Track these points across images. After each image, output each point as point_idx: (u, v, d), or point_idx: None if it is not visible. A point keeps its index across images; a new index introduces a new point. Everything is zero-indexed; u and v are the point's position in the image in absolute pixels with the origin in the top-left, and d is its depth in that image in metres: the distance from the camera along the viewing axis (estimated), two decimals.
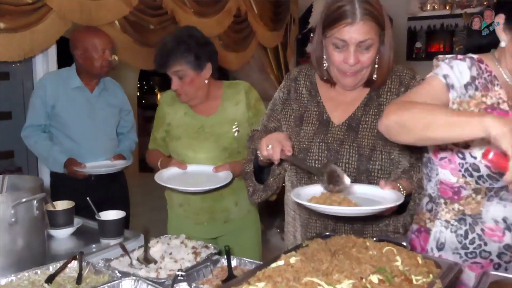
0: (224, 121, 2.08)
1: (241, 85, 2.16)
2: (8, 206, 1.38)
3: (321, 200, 1.23)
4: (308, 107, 1.55)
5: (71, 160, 2.52)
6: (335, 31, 1.34)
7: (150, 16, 3.37)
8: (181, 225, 2.14)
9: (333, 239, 1.18)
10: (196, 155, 2.07)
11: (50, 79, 2.58)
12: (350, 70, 1.39)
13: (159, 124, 2.20)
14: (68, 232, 1.85)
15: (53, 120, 2.59)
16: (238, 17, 4.16)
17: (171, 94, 2.15)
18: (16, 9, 2.58)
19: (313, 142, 1.48)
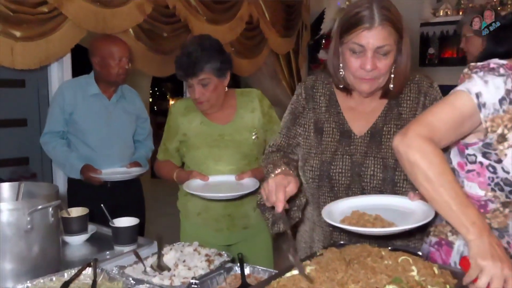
0: (243, 128, 2.09)
1: (253, 93, 2.18)
2: (24, 213, 1.39)
3: (354, 221, 1.20)
4: (327, 117, 1.52)
5: (88, 167, 2.54)
6: (353, 36, 1.33)
7: (163, 24, 3.40)
8: (198, 233, 2.13)
9: (347, 248, 1.17)
10: (216, 163, 2.07)
11: (69, 87, 2.62)
12: (367, 76, 1.37)
13: (172, 134, 2.17)
14: (83, 239, 1.86)
15: (71, 127, 2.62)
16: (250, 24, 4.18)
17: (184, 103, 2.16)
18: (33, 18, 2.63)
19: (336, 154, 1.46)
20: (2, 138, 3.33)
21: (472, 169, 1.25)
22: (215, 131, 2.09)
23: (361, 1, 1.35)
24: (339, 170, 1.44)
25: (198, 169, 2.08)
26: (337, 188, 1.44)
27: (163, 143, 2.23)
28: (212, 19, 3.73)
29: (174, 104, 2.23)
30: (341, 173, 1.43)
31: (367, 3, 1.33)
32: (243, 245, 2.17)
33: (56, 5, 2.69)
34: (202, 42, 2.01)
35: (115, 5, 3.00)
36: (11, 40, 2.55)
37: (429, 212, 1.20)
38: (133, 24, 3.16)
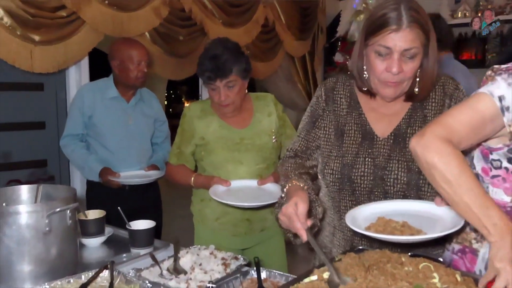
0: (262, 132, 2.09)
1: (268, 97, 2.19)
2: (43, 216, 1.41)
3: (380, 228, 1.17)
4: (348, 119, 1.49)
5: (106, 170, 2.56)
6: (379, 38, 1.30)
7: (179, 27, 3.41)
8: (214, 238, 2.09)
9: (366, 254, 1.15)
10: (236, 167, 2.05)
11: (88, 90, 2.63)
12: (393, 80, 1.33)
13: (187, 138, 2.13)
14: (99, 241, 1.87)
15: (90, 130, 2.64)
16: (266, 26, 4.18)
17: (200, 106, 2.13)
18: (51, 22, 2.66)
19: (358, 157, 1.42)
20: (21, 141, 3.38)
21: (497, 175, 1.22)
22: (236, 135, 2.07)
23: (387, 2, 1.31)
24: (361, 173, 1.40)
25: (217, 173, 2.06)
26: (359, 192, 1.41)
27: (176, 147, 2.18)
28: (228, 22, 3.74)
29: (189, 106, 2.19)
30: (363, 176, 1.40)
31: (395, 4, 1.29)
32: (259, 247, 2.16)
33: (74, 9, 2.72)
34: (225, 44, 2.00)
35: (132, 9, 3.03)
36: (30, 44, 2.58)
37: (457, 218, 1.15)
38: (149, 28, 3.18)
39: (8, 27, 2.48)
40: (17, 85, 3.30)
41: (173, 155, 2.19)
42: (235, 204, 1.86)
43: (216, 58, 1.95)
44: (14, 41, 2.52)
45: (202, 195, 2.14)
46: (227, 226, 2.11)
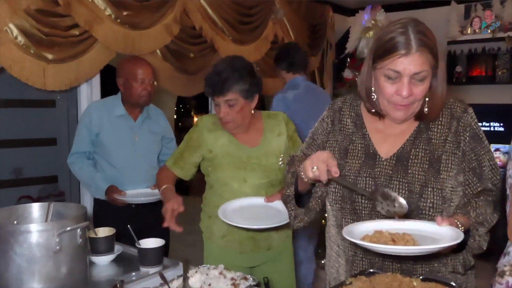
0: (270, 153, 2.07)
1: (280, 116, 2.16)
2: (54, 235, 1.41)
3: (374, 239, 1.16)
4: (353, 139, 1.49)
5: (112, 188, 2.55)
6: (388, 62, 1.29)
7: (190, 45, 3.45)
8: (222, 255, 2.10)
9: (377, 277, 1.14)
10: (240, 185, 2.05)
11: (96, 107, 2.65)
12: (402, 103, 1.33)
13: (195, 147, 2.10)
14: (109, 259, 1.87)
15: (97, 147, 2.64)
16: (275, 43, 4.21)
17: (212, 119, 2.12)
18: (64, 41, 2.71)
19: (360, 176, 1.42)
20: (32, 157, 3.42)
21: None
22: (244, 153, 2.06)
23: (394, 25, 1.31)
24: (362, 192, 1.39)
25: (223, 190, 2.07)
26: (360, 211, 1.41)
27: (178, 152, 2.15)
28: (238, 39, 3.78)
29: (202, 117, 2.17)
30: (364, 196, 1.39)
31: (402, 28, 1.28)
32: (267, 266, 2.15)
33: (86, 28, 2.77)
34: (233, 62, 2.01)
35: (143, 27, 3.07)
36: (43, 62, 2.63)
37: (456, 237, 1.14)
38: (161, 45, 3.23)
39: (22, 46, 2.53)
40: (29, 102, 3.35)
41: (171, 158, 2.16)
42: (244, 226, 1.86)
43: (218, 74, 1.96)
44: (28, 59, 2.57)
45: (210, 212, 2.13)
46: (234, 244, 2.10)
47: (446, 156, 1.36)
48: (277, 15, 4.14)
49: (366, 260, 1.44)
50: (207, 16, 3.52)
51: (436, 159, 1.36)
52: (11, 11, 2.46)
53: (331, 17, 4.90)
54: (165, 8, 3.19)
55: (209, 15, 3.53)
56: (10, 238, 1.39)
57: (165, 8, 3.19)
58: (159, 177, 2.18)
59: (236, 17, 3.75)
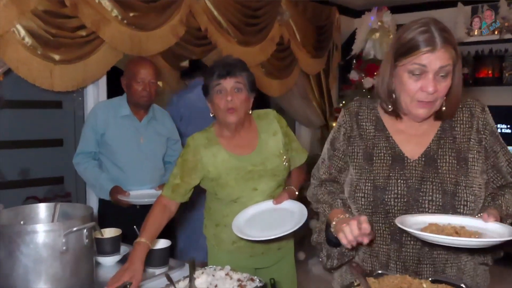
0: (271, 155, 2.01)
1: (270, 114, 2.10)
2: (60, 235, 1.41)
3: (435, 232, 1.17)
4: (376, 142, 1.47)
5: (116, 188, 2.56)
6: (413, 58, 1.30)
7: (195, 46, 3.45)
8: (230, 259, 2.00)
9: (386, 279, 1.13)
10: (251, 195, 1.98)
11: (102, 108, 2.65)
12: (427, 99, 1.32)
13: (191, 168, 1.95)
14: (115, 260, 1.87)
15: (102, 148, 2.65)
16: (281, 45, 4.20)
17: (205, 135, 2.01)
18: (71, 42, 2.72)
19: (390, 179, 1.40)
20: (39, 158, 3.43)
21: None
22: (246, 162, 1.98)
23: (414, 25, 1.31)
24: (394, 195, 1.38)
25: (232, 205, 1.98)
26: (392, 214, 1.38)
27: (176, 178, 1.95)
28: (243, 41, 3.77)
29: (193, 136, 2.01)
30: (397, 198, 1.37)
31: (423, 26, 1.29)
32: (277, 266, 2.12)
33: (93, 29, 2.78)
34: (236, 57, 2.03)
35: (150, 28, 3.08)
36: (50, 63, 2.64)
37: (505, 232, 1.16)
38: (167, 46, 3.23)
39: (29, 47, 2.54)
40: (36, 103, 3.36)
41: (167, 188, 1.95)
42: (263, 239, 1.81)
43: (225, 59, 1.98)
44: (35, 60, 2.58)
45: (217, 220, 2.06)
46: (244, 249, 2.04)
47: (472, 154, 1.38)
48: (283, 17, 4.14)
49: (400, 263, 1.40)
50: (213, 18, 3.52)
51: (463, 157, 1.38)
52: (18, 12, 2.47)
53: (337, 18, 4.89)
54: (171, 9, 3.19)
55: (214, 16, 3.53)
56: (17, 238, 1.39)
57: (171, 9, 3.20)
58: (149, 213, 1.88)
59: (242, 19, 3.75)
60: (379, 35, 4.22)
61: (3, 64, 2.52)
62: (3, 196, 3.20)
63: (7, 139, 3.24)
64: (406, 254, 1.37)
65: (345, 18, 5.17)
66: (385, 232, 1.40)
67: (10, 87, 3.13)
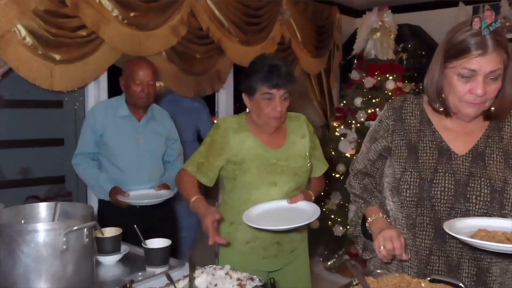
0: (297, 155, 2.03)
1: (301, 118, 2.15)
2: (60, 234, 1.42)
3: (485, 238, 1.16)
4: (421, 136, 1.48)
5: (116, 189, 2.55)
6: (463, 61, 1.30)
7: (197, 45, 3.45)
8: (243, 261, 2.01)
9: (385, 278, 1.13)
10: (269, 189, 1.98)
11: (100, 108, 2.64)
12: (475, 101, 1.33)
13: (217, 149, 1.99)
14: (115, 259, 1.87)
15: (101, 148, 2.64)
16: (282, 44, 4.20)
17: (236, 119, 2.05)
18: (71, 42, 2.72)
19: (437, 172, 1.40)
20: (39, 157, 3.43)
21: None
22: (271, 155, 2.00)
23: (465, 26, 1.31)
24: (441, 188, 1.38)
25: (249, 193, 1.98)
26: (438, 208, 1.38)
27: (202, 156, 2.01)
28: (245, 40, 3.77)
29: (225, 119, 2.08)
30: (444, 192, 1.37)
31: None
32: (287, 268, 2.11)
33: (94, 29, 2.78)
34: (284, 60, 2.00)
35: (150, 28, 3.08)
36: (51, 63, 2.64)
37: None
38: (167, 47, 3.23)
39: (30, 47, 2.55)
40: (37, 103, 3.37)
41: (192, 163, 2.03)
42: (271, 228, 1.80)
43: (279, 67, 1.92)
44: (35, 60, 2.58)
45: (231, 218, 2.04)
46: (257, 250, 2.03)
47: None
48: (284, 16, 4.13)
49: (442, 259, 1.41)
50: (214, 17, 3.52)
51: (511, 157, 1.38)
52: (19, 12, 2.47)
53: (338, 18, 4.88)
54: (172, 9, 3.19)
55: (216, 16, 3.53)
56: (18, 237, 1.39)
57: (172, 9, 3.20)
58: (183, 184, 2.02)
59: (243, 18, 3.75)
60: (380, 35, 4.22)
61: (4, 63, 2.53)
62: (3, 195, 3.20)
63: (7, 138, 3.24)
64: (449, 250, 1.37)
65: (346, 18, 5.16)
66: (429, 226, 1.40)
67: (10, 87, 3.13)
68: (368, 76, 4.25)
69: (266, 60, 1.95)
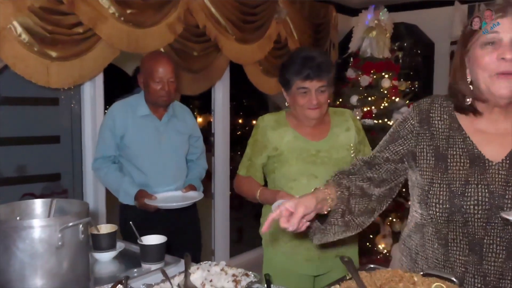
0: (339, 146, 2.00)
1: (347, 112, 2.13)
2: (56, 230, 1.42)
3: None
4: (451, 142, 1.33)
5: (142, 192, 2.42)
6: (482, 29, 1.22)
7: (194, 43, 3.46)
8: (286, 263, 1.99)
9: (378, 273, 1.14)
10: (309, 181, 1.93)
11: (119, 109, 2.52)
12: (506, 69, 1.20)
13: (260, 148, 2.02)
14: (111, 256, 1.88)
15: (122, 151, 2.52)
16: (279, 43, 4.21)
17: (274, 117, 2.05)
18: (68, 39, 2.71)
19: (469, 185, 1.27)
20: (35, 155, 3.43)
21: None
22: (312, 146, 1.97)
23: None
24: (474, 202, 1.25)
25: (288, 186, 1.96)
26: (471, 223, 1.26)
27: (248, 158, 2.07)
28: (241, 38, 3.78)
29: (262, 117, 2.08)
30: (477, 205, 1.24)
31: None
32: (334, 274, 2.00)
33: (90, 26, 2.77)
34: (320, 50, 1.99)
35: (147, 25, 3.08)
36: (47, 60, 2.63)
37: None
38: (164, 44, 3.23)
39: (26, 44, 2.54)
40: (33, 100, 3.36)
41: (243, 167, 2.09)
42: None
43: (314, 58, 1.88)
44: (32, 57, 2.57)
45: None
46: (299, 250, 1.98)
47: None
48: (280, 15, 4.14)
49: (478, 278, 1.27)
50: (211, 15, 3.53)
51: None
52: (15, 9, 2.46)
53: (334, 17, 4.90)
54: (168, 6, 3.20)
55: (212, 14, 3.54)
56: (13, 233, 1.40)
57: (169, 6, 3.20)
58: (243, 187, 2.06)
59: (240, 16, 3.75)
60: (376, 33, 4.23)
61: (0, 60, 2.52)
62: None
63: (3, 136, 3.23)
64: (487, 268, 1.25)
65: (342, 16, 5.18)
66: (462, 242, 1.28)
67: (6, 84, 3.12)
68: (364, 75, 4.27)
69: (300, 52, 1.93)
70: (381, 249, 3.96)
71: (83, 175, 3.19)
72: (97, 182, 3.11)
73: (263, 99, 5.04)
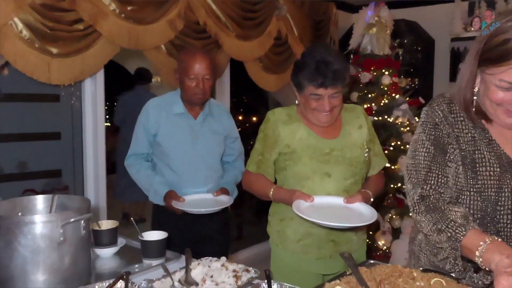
0: (353, 145, 1.93)
1: (358, 109, 2.05)
2: (57, 226, 1.43)
3: None
4: (477, 146, 1.26)
5: (171, 193, 2.34)
6: (503, 69, 1.14)
7: (194, 40, 3.46)
8: (296, 262, 1.94)
9: (377, 268, 1.15)
10: (323, 180, 1.87)
11: (154, 105, 2.45)
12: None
13: (271, 144, 1.94)
14: (112, 251, 1.89)
15: (155, 149, 2.46)
16: (279, 39, 4.21)
17: (285, 111, 1.97)
18: (69, 35, 2.72)
19: (502, 191, 1.20)
20: (36, 151, 3.44)
21: None
22: (325, 145, 1.90)
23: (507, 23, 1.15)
24: (508, 211, 1.20)
25: (301, 186, 1.88)
26: (504, 234, 1.21)
27: (259, 154, 1.98)
28: (242, 35, 3.78)
29: (273, 111, 1.99)
30: (511, 214, 1.19)
31: None
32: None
33: (91, 22, 2.78)
34: (337, 53, 1.88)
35: (147, 22, 3.08)
36: (48, 56, 2.63)
37: None
38: (165, 40, 3.23)
39: (27, 40, 2.54)
40: (34, 96, 3.36)
41: (252, 163, 2.00)
42: (324, 223, 1.64)
43: (330, 64, 1.79)
44: (32, 53, 2.58)
45: (282, 214, 1.96)
46: (310, 249, 1.92)
47: None
48: (280, 11, 4.14)
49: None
50: (211, 12, 3.53)
51: None
52: (16, 6, 2.47)
53: (334, 13, 4.89)
54: (169, 3, 3.20)
55: (213, 10, 3.54)
56: (15, 229, 1.41)
57: (169, 3, 3.20)
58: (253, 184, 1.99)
59: (240, 13, 3.75)
60: (376, 30, 4.23)
61: (1, 57, 2.53)
62: (0, 189, 3.21)
63: (4, 132, 3.24)
64: None
65: (342, 13, 5.18)
66: None
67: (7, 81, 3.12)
68: (364, 71, 4.27)
69: (315, 53, 1.83)
70: (381, 245, 3.97)
71: (84, 172, 3.19)
72: (98, 179, 3.12)
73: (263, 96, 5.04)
